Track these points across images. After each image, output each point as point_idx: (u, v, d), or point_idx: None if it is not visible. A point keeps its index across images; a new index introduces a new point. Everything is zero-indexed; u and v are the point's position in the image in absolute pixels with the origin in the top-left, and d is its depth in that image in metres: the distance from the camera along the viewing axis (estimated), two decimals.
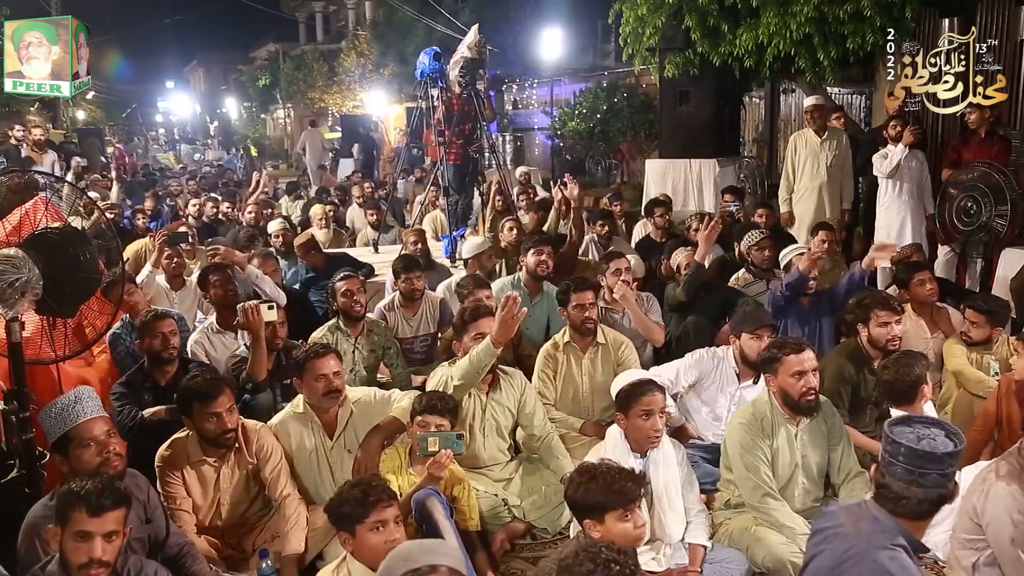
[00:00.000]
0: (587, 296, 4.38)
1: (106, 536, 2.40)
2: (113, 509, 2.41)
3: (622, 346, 4.47)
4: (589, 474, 2.59)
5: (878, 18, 7.23)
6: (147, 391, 4.05)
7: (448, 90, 7.38)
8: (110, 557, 2.41)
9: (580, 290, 4.39)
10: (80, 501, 2.38)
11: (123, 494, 2.48)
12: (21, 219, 3.34)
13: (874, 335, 4.06)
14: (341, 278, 4.84)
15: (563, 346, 4.45)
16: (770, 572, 3.22)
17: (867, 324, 4.09)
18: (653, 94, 13.09)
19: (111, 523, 2.41)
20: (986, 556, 2.77)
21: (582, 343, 4.44)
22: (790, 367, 3.36)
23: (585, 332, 4.41)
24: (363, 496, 2.60)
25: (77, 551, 2.38)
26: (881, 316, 4.04)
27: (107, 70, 34.16)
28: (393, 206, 10.13)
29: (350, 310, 4.76)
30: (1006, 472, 2.75)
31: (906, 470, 2.22)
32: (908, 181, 6.66)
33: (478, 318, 3.97)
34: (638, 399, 3.25)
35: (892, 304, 4.10)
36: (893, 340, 4.03)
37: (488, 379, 3.92)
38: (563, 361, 4.43)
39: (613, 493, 2.51)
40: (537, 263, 5.32)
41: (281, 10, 34.46)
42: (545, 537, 3.75)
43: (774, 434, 3.43)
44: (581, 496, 2.57)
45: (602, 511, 2.52)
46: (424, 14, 17.10)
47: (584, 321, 4.38)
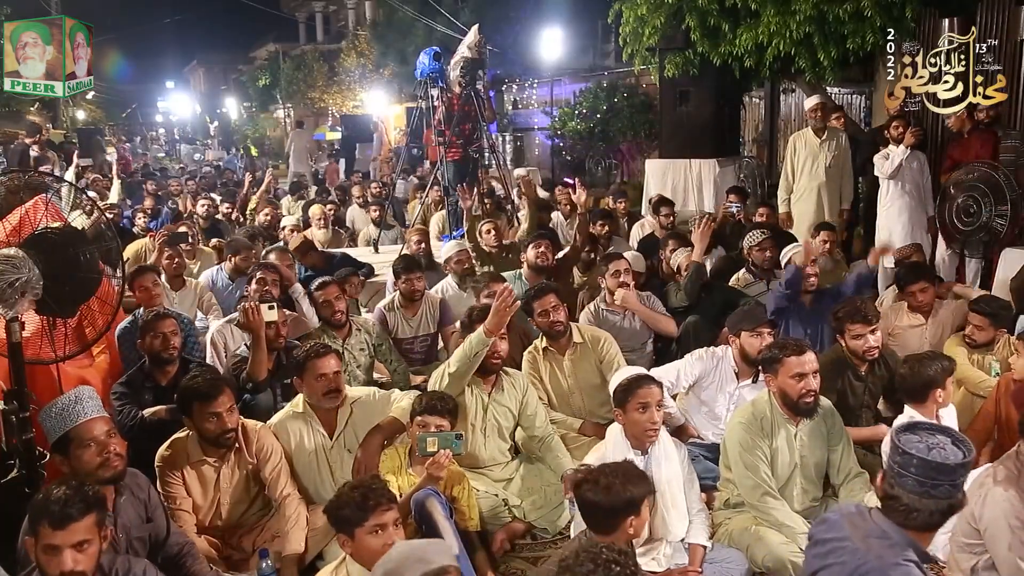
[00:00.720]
0: (548, 300, 4.37)
1: (76, 546, 2.33)
2: (79, 519, 2.33)
3: (601, 341, 4.47)
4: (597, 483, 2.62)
5: (878, 18, 7.23)
6: (148, 391, 4.05)
7: (448, 90, 7.38)
8: (85, 566, 2.35)
9: (540, 296, 4.39)
10: (44, 515, 2.32)
11: (92, 500, 2.39)
12: (21, 219, 3.34)
13: (850, 347, 4.05)
14: (318, 286, 4.84)
15: (542, 351, 4.45)
16: (770, 572, 3.22)
17: (843, 337, 4.08)
18: (653, 94, 13.11)
19: (80, 533, 2.34)
20: (985, 560, 2.77)
21: (558, 346, 4.44)
22: (790, 368, 3.37)
23: (556, 335, 4.41)
24: (362, 499, 2.59)
25: (49, 564, 2.33)
26: (854, 330, 4.00)
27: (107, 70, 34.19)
28: (393, 206, 10.13)
29: (331, 319, 4.76)
30: (1004, 477, 2.74)
31: (917, 482, 2.17)
32: (909, 182, 6.66)
33: (484, 317, 3.97)
34: (634, 392, 3.26)
35: (865, 315, 4.03)
36: (870, 351, 4.00)
37: (491, 380, 3.93)
38: (545, 366, 4.43)
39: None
40: (537, 255, 5.34)
41: (281, 10, 34.47)
42: (545, 537, 3.75)
43: (773, 434, 3.43)
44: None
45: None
46: (424, 14, 17.10)
47: (552, 325, 4.38)
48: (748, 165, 10.22)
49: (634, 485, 2.61)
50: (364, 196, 10.26)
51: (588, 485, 2.63)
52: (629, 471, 2.67)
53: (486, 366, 3.85)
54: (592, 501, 2.61)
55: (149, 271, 5.25)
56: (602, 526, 2.62)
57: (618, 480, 2.60)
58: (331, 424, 3.68)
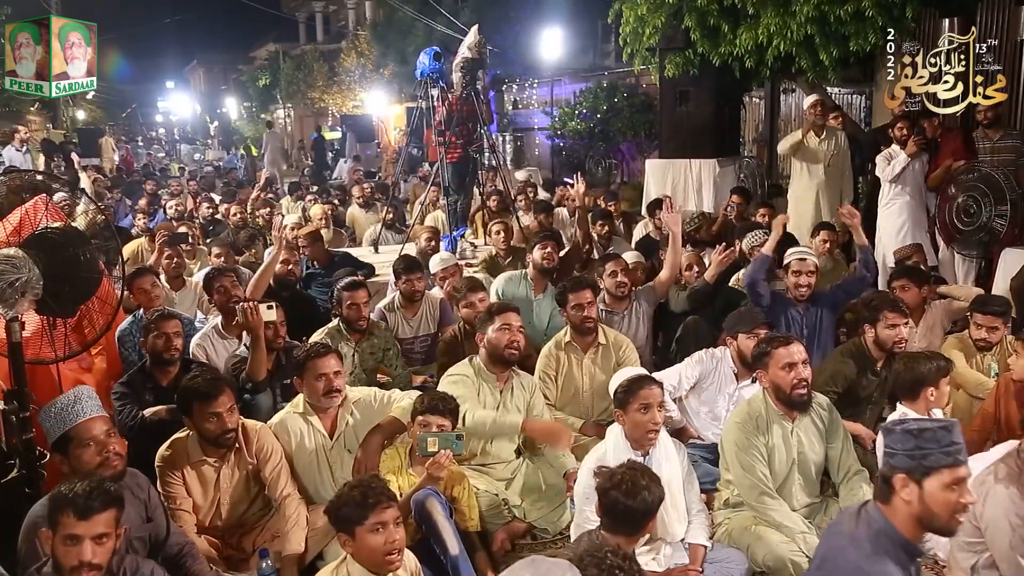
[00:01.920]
0: (585, 295, 4.38)
1: (96, 539, 2.38)
2: (102, 511, 2.39)
3: (623, 347, 4.48)
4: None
5: (879, 18, 7.22)
6: (148, 391, 4.05)
7: (448, 90, 7.38)
8: (101, 559, 2.40)
9: (577, 289, 4.40)
10: (68, 505, 2.37)
11: (113, 495, 2.46)
12: (21, 219, 3.35)
13: (882, 336, 4.08)
14: (349, 286, 4.79)
15: (564, 346, 4.45)
16: (770, 571, 3.22)
17: (875, 325, 4.10)
18: (653, 94, 13.09)
19: (101, 525, 2.39)
20: (985, 559, 2.76)
21: (583, 343, 4.44)
22: (780, 360, 3.38)
23: (585, 332, 4.41)
24: (362, 498, 2.59)
25: (67, 554, 2.36)
26: (890, 318, 4.05)
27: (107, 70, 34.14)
28: (396, 207, 10.13)
29: (355, 322, 4.74)
30: (1005, 475, 2.75)
31: (907, 455, 2.20)
32: (910, 183, 6.67)
33: (505, 310, 3.99)
34: (635, 393, 3.26)
35: (900, 307, 4.13)
36: (900, 342, 4.06)
37: (504, 376, 3.96)
38: (564, 361, 4.43)
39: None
40: (543, 256, 5.33)
41: (281, 10, 34.43)
42: (545, 537, 3.76)
43: (769, 431, 3.43)
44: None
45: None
46: (424, 14, 17.08)
47: (583, 321, 4.38)
48: (748, 165, 10.20)
49: (658, 488, 2.68)
50: (364, 196, 10.27)
51: (620, 489, 2.65)
52: (652, 475, 2.71)
53: (504, 357, 3.89)
54: (625, 506, 2.64)
55: (147, 273, 5.25)
56: (626, 529, 2.65)
57: (645, 484, 2.65)
58: (331, 424, 3.68)
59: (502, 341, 3.89)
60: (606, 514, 2.73)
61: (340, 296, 4.78)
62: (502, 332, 3.89)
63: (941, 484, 2.18)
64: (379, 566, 2.60)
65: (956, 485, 2.18)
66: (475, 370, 3.98)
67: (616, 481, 2.69)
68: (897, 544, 2.25)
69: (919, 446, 2.19)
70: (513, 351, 3.89)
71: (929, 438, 2.19)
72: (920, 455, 2.19)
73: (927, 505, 2.20)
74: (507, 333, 3.89)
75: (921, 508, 2.21)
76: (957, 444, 2.20)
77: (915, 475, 2.20)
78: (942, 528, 2.25)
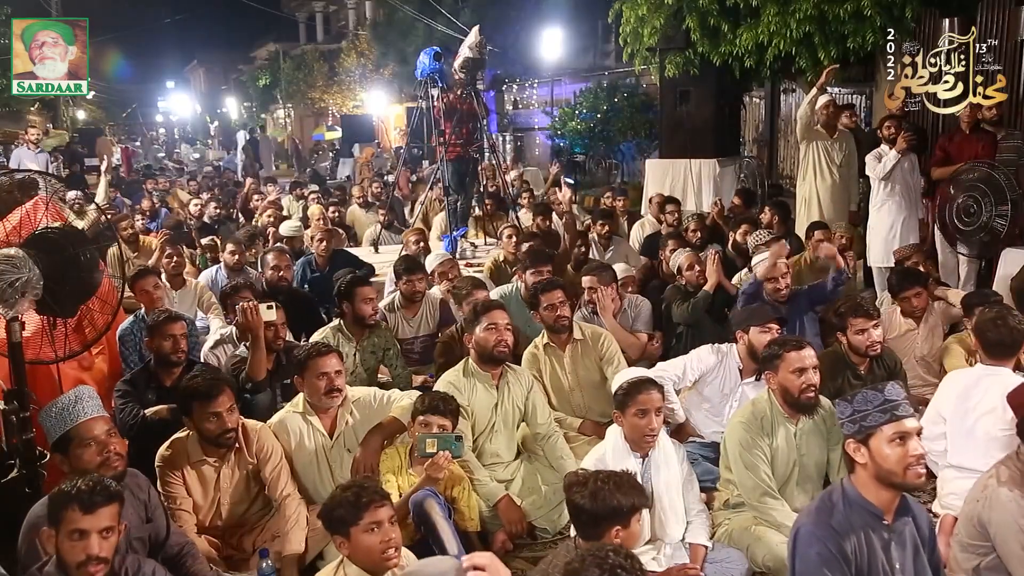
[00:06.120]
0: (556, 295, 4.38)
1: (102, 532, 2.40)
2: (106, 505, 2.41)
3: (601, 338, 4.48)
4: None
5: (878, 18, 7.22)
6: (151, 391, 4.05)
7: (448, 90, 7.38)
8: (107, 553, 2.42)
9: (548, 290, 4.40)
10: (73, 500, 2.39)
11: (115, 491, 2.48)
12: (21, 219, 3.34)
13: (854, 343, 4.07)
14: (359, 281, 4.79)
15: (543, 348, 4.45)
16: (770, 572, 3.22)
17: (845, 333, 4.10)
18: (653, 94, 13.10)
19: (106, 519, 2.41)
20: (988, 560, 2.75)
21: (560, 342, 4.44)
22: (791, 363, 3.37)
23: (560, 330, 4.41)
24: (355, 498, 2.58)
25: (74, 550, 2.38)
26: (857, 324, 4.03)
27: (107, 70, 34.18)
28: (395, 207, 10.12)
29: (365, 319, 4.71)
30: (1007, 478, 2.73)
31: (849, 422, 2.42)
32: (900, 183, 6.60)
33: (490, 309, 3.98)
34: (634, 397, 3.25)
35: (866, 310, 4.07)
36: (873, 346, 4.04)
37: (497, 373, 3.95)
38: (546, 362, 4.43)
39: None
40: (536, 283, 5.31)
41: (281, 10, 34.43)
42: (545, 537, 3.75)
43: (773, 433, 3.43)
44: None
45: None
46: (424, 14, 17.09)
47: (557, 320, 4.38)
48: (748, 165, 10.21)
49: (624, 495, 2.55)
50: (364, 196, 10.26)
51: (577, 488, 2.60)
52: (623, 481, 2.61)
53: (494, 356, 3.87)
54: (578, 505, 2.58)
55: (150, 274, 5.25)
56: (587, 531, 2.60)
57: (607, 487, 2.55)
58: (331, 424, 3.68)
59: (490, 341, 3.87)
60: (569, 513, 2.70)
61: (353, 294, 4.68)
62: (489, 332, 3.86)
63: (884, 440, 2.36)
64: (377, 565, 2.59)
65: (900, 439, 2.35)
66: (469, 372, 3.96)
67: (575, 481, 2.63)
68: (864, 510, 2.42)
69: (856, 410, 2.41)
70: (502, 350, 3.88)
71: (861, 401, 2.41)
72: (859, 417, 2.40)
73: (878, 463, 2.37)
74: (494, 333, 3.87)
75: (875, 467, 2.38)
76: (892, 401, 2.38)
77: (859, 437, 2.41)
78: (902, 483, 2.39)
